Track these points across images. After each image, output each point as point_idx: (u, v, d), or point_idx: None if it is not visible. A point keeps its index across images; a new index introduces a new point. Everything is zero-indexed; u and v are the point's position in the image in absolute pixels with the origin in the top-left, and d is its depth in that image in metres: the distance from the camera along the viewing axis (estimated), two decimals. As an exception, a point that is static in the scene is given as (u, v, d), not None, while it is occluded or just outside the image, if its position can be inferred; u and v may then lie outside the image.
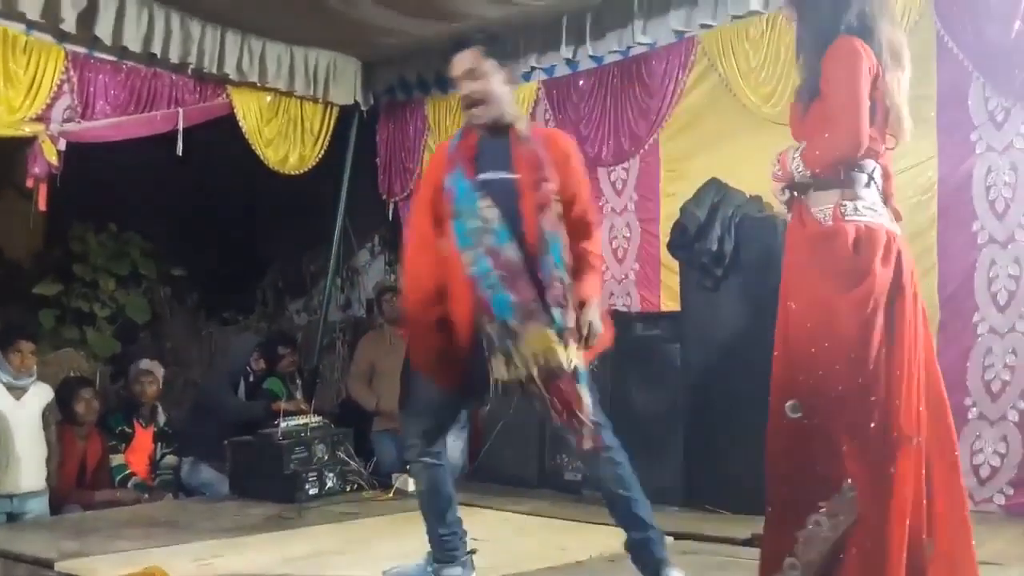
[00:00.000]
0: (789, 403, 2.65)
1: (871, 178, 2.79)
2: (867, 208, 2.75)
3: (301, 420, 5.25)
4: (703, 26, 5.47)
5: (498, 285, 2.93)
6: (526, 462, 5.48)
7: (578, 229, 3.11)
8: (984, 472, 4.52)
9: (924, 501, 2.62)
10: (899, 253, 2.75)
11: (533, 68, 6.23)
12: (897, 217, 2.88)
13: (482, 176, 3.04)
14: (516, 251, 2.96)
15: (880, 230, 2.73)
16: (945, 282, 4.67)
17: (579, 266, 3.06)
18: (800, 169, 2.74)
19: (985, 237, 4.57)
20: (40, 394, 5.08)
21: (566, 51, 5.96)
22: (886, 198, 2.86)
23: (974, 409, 4.57)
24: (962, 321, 4.61)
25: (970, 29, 4.59)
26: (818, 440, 2.61)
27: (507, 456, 5.57)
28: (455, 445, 5.90)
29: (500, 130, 3.11)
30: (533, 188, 3.00)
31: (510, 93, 3.18)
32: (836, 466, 2.58)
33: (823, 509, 2.55)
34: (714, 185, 4.87)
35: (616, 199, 5.95)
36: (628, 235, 5.90)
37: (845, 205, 2.73)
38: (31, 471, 4.91)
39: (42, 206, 5.36)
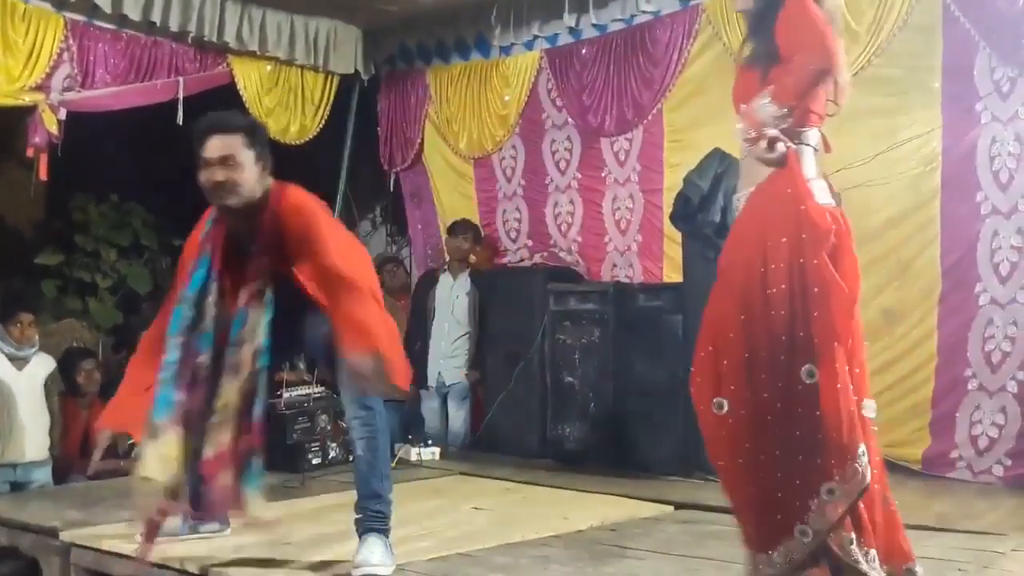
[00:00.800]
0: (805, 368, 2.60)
1: (816, 149, 2.76)
2: (820, 189, 2.72)
3: (303, 390, 5.26)
4: (708, -7, 5.43)
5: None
6: (528, 432, 5.51)
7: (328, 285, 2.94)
8: (982, 443, 4.56)
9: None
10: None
11: (536, 37, 6.20)
12: (833, 190, 2.85)
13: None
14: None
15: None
16: (948, 253, 4.68)
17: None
18: (775, 112, 2.62)
19: (988, 208, 4.56)
20: (42, 364, 5.09)
21: (569, 19, 5.92)
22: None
23: (974, 380, 4.59)
24: (964, 292, 4.62)
25: (977, -2, 4.56)
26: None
27: (509, 426, 5.60)
28: (457, 415, 5.95)
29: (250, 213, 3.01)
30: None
31: (260, 172, 3.03)
32: (850, 431, 2.57)
33: (836, 478, 2.55)
34: (718, 155, 4.84)
35: (619, 170, 5.94)
36: (631, 206, 5.89)
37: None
38: (34, 441, 4.94)
39: (43, 176, 5.35)
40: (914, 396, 4.74)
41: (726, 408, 2.66)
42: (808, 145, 2.73)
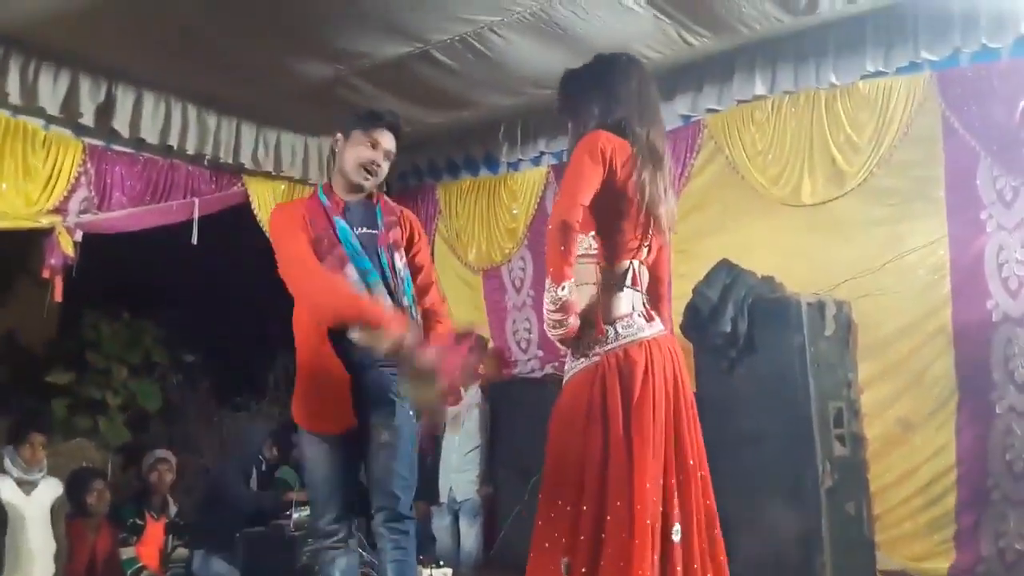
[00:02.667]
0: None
1: (624, 285, 2.79)
2: (624, 327, 2.75)
3: (313, 509, 5.17)
4: (709, 110, 5.56)
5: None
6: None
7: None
8: (1010, 556, 4.43)
9: None
10: (648, 361, 2.73)
11: (542, 153, 6.34)
12: (649, 318, 2.83)
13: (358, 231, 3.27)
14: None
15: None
16: (962, 361, 4.64)
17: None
18: (549, 287, 2.72)
19: (1000, 315, 4.55)
20: (50, 489, 5.03)
21: (574, 137, 6.04)
22: (651, 299, 2.87)
23: (997, 491, 4.49)
24: (981, 400, 4.57)
25: (975, 110, 4.66)
26: None
27: (524, 544, 5.44)
28: (469, 533, 5.81)
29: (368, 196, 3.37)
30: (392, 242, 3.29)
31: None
32: None
33: None
34: (725, 266, 4.88)
35: (627, 281, 5.96)
36: (640, 316, 5.89)
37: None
38: (41, 566, 4.84)
39: (58, 297, 5.40)
40: (936, 508, 4.64)
41: None
42: (614, 285, 2.78)
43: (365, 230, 3.25)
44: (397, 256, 3.24)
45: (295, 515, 5.01)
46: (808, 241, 5.15)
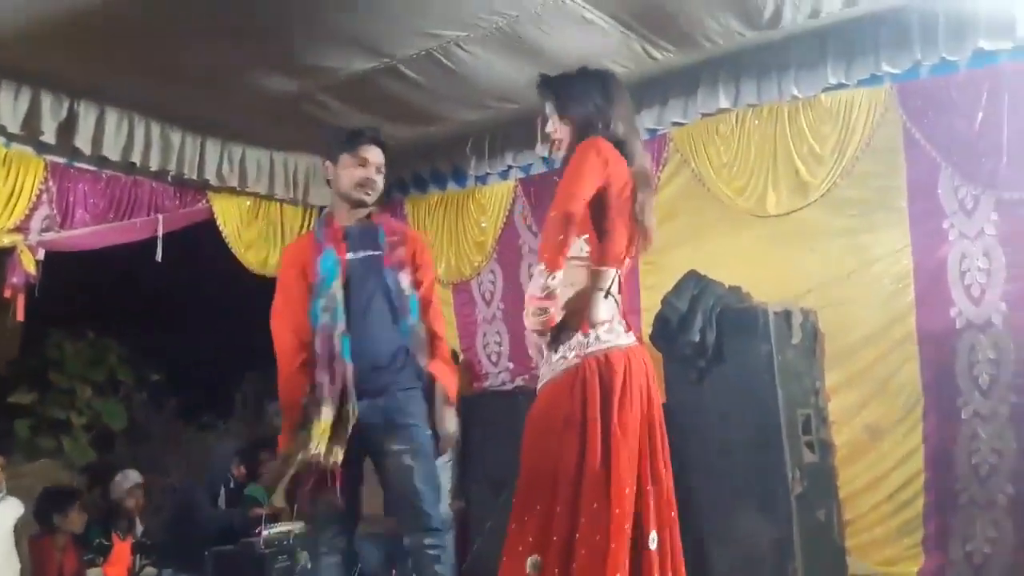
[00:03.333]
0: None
1: (608, 292, 2.83)
2: (606, 332, 2.78)
3: (284, 527, 5.13)
4: (674, 124, 5.61)
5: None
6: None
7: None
8: (977, 559, 4.48)
9: None
10: (627, 369, 2.77)
11: (510, 167, 6.35)
12: (628, 328, 2.89)
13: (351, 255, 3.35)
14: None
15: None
16: (927, 368, 4.70)
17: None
18: (540, 271, 2.70)
19: (964, 322, 4.62)
20: (11, 509, 4.95)
21: (541, 150, 6.06)
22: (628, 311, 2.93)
23: (964, 494, 4.54)
24: (947, 406, 4.63)
25: (936, 121, 4.74)
26: None
27: (497, 558, 5.44)
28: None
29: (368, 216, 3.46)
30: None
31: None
32: None
33: None
34: (693, 277, 4.92)
35: (596, 293, 5.98)
36: (609, 328, 5.91)
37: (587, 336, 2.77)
38: (4, 589, 4.76)
39: (20, 316, 5.32)
40: (905, 513, 4.69)
41: None
42: (600, 289, 2.80)
43: (367, 252, 3.33)
44: (402, 276, 3.32)
45: (265, 532, 4.96)
46: (774, 251, 5.20)
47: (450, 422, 3.32)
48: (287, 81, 5.24)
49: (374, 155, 3.42)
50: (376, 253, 3.33)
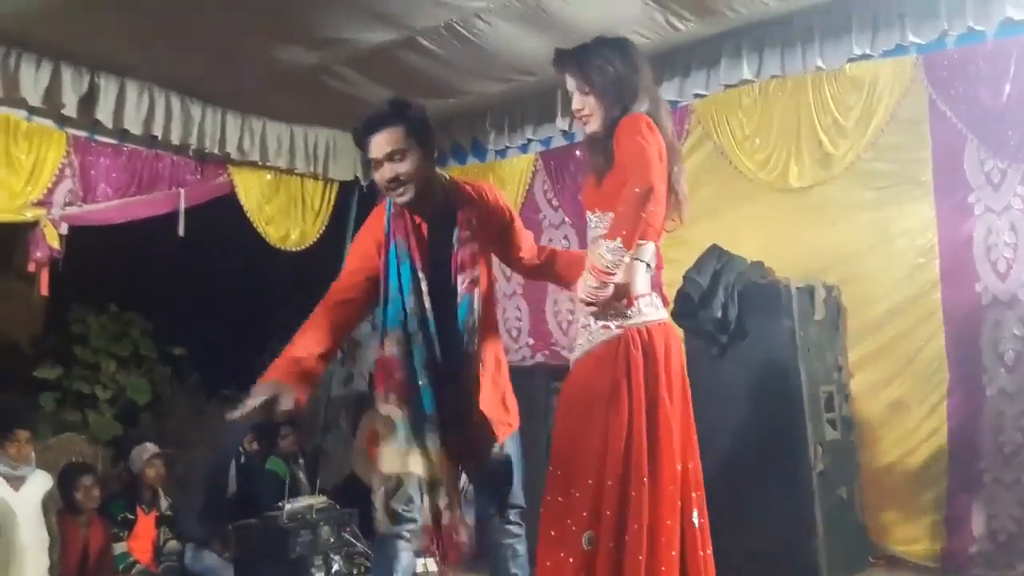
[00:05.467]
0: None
1: (649, 265, 2.83)
2: (647, 305, 2.77)
3: (305, 501, 5.16)
4: (696, 95, 5.54)
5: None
6: (532, 539, 5.37)
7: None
8: (1001, 537, 4.44)
9: None
10: (667, 343, 2.78)
11: (530, 140, 6.32)
12: (665, 302, 2.90)
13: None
14: None
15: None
16: (952, 344, 4.65)
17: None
18: (618, 252, 2.62)
19: (989, 298, 4.55)
20: (40, 483, 4.99)
21: (561, 123, 6.03)
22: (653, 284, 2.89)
23: (988, 473, 4.50)
24: (971, 383, 4.58)
25: (962, 93, 4.65)
26: None
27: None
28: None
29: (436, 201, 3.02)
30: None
31: (431, 168, 3.03)
32: None
33: None
34: (715, 252, 4.87)
35: (617, 267, 5.95)
36: (631, 303, 5.89)
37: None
38: (34, 562, 4.80)
39: (44, 291, 5.35)
40: (928, 491, 4.65)
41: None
42: (641, 261, 2.79)
43: (442, 251, 2.98)
44: (461, 278, 2.92)
45: (288, 506, 4.99)
46: (797, 225, 5.15)
47: None
48: (307, 54, 5.22)
49: (378, 147, 2.94)
50: (448, 250, 2.96)
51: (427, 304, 2.93)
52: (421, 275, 2.94)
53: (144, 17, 4.71)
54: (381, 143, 2.93)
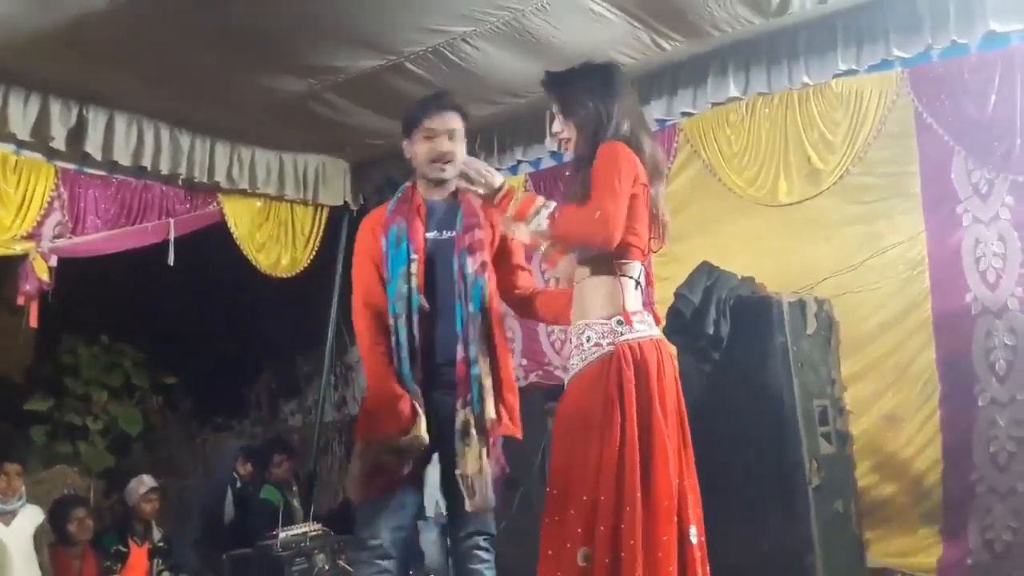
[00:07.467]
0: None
1: (638, 283, 2.85)
2: (639, 322, 2.78)
3: (300, 529, 5.13)
4: (684, 114, 5.57)
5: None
6: (532, 562, 5.34)
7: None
8: (998, 547, 4.43)
9: None
10: (659, 359, 2.78)
11: (519, 161, 6.33)
12: (657, 321, 2.94)
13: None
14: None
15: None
16: (943, 355, 4.65)
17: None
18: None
19: (979, 308, 4.56)
20: (31, 517, 4.96)
21: (550, 144, 6.05)
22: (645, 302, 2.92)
23: (982, 483, 4.49)
24: (963, 393, 4.57)
25: (948, 105, 4.68)
26: None
27: (513, 556, 5.43)
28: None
29: (447, 192, 3.25)
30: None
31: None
32: None
33: None
34: (706, 268, 4.89)
35: (608, 286, 5.96)
36: (623, 322, 5.89)
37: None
38: (26, 596, 4.77)
39: (33, 323, 5.33)
40: (923, 502, 4.64)
41: None
42: (630, 278, 2.81)
43: (449, 233, 3.15)
44: (470, 260, 3.09)
45: (282, 534, 4.95)
46: (787, 240, 5.16)
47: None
48: (295, 81, 5.23)
49: (442, 122, 3.18)
50: (451, 233, 3.13)
51: (413, 284, 3.05)
52: (414, 256, 3.07)
53: (131, 49, 4.72)
54: (447, 120, 3.20)
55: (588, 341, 2.76)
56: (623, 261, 2.77)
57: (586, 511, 2.64)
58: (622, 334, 2.74)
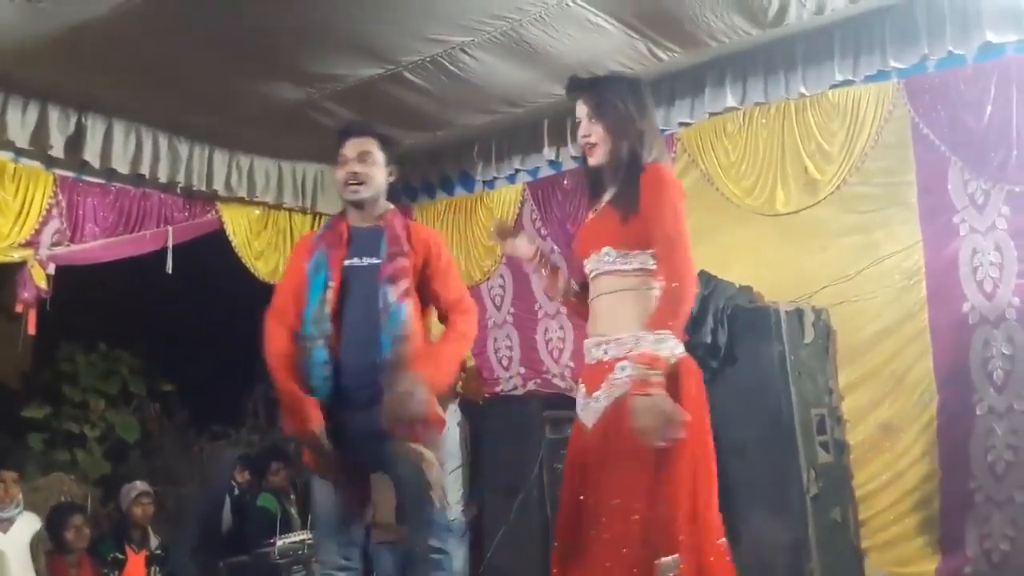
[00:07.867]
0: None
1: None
2: (676, 342, 2.78)
3: (298, 537, 5.12)
4: (682, 124, 5.59)
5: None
6: (530, 570, 5.35)
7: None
8: (996, 557, 4.43)
9: None
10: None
11: (518, 170, 6.36)
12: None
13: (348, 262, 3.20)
14: None
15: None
16: (940, 364, 4.66)
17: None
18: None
19: (976, 317, 4.58)
20: (28, 525, 4.95)
21: (549, 153, 6.08)
22: None
23: (980, 492, 4.50)
24: (961, 403, 4.58)
25: (944, 116, 4.70)
26: None
27: (511, 564, 5.44)
28: (457, 555, 5.76)
29: (373, 217, 3.29)
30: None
31: (385, 188, 3.37)
32: None
33: None
34: (704, 277, 4.88)
35: (606, 295, 5.97)
36: (621, 330, 5.89)
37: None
38: (22, 605, 4.76)
39: (31, 331, 5.34)
40: (921, 512, 4.65)
41: None
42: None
43: (368, 260, 3.18)
44: (392, 290, 3.10)
45: (279, 542, 4.95)
46: (784, 250, 5.18)
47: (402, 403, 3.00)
48: (293, 90, 5.25)
49: (352, 147, 3.25)
50: (376, 261, 3.16)
51: (326, 311, 3.09)
52: (330, 284, 3.12)
53: (130, 57, 4.74)
54: (359, 144, 3.27)
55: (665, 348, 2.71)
56: (661, 282, 2.79)
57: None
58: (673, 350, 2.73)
